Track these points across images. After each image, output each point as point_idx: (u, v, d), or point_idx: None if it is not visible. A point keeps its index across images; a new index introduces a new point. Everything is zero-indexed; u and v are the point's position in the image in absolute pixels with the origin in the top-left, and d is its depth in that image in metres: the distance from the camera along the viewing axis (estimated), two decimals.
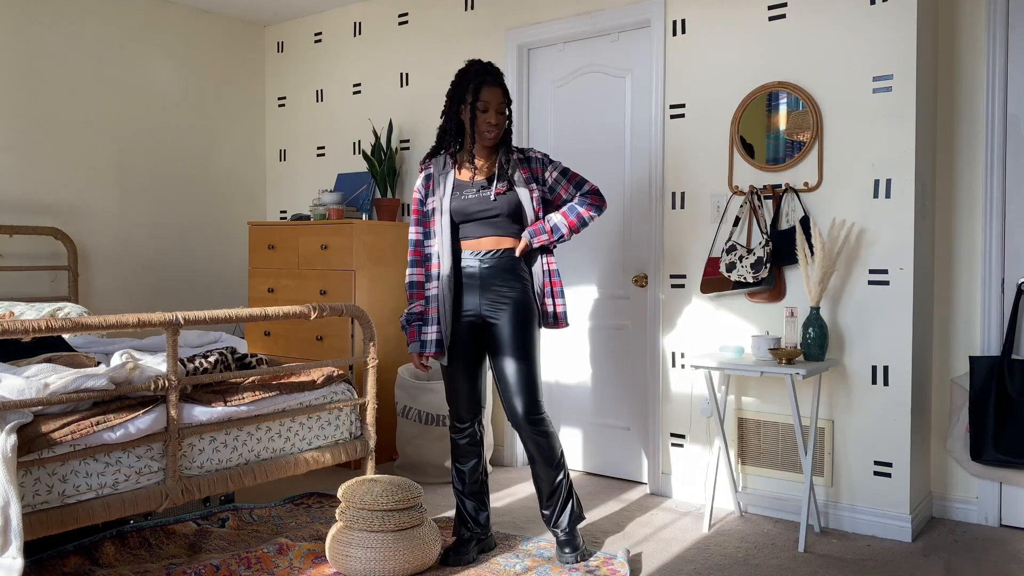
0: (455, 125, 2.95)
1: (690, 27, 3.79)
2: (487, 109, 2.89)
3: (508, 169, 2.95)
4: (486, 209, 2.92)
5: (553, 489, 2.99)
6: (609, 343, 4.14)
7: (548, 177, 3.00)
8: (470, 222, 2.94)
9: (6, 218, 4.43)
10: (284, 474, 3.10)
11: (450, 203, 2.93)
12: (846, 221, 3.40)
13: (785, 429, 3.57)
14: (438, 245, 2.93)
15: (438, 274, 2.92)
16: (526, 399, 2.90)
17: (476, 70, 2.92)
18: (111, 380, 2.63)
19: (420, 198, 3.01)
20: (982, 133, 3.44)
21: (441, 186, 2.95)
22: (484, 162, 2.99)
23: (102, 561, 2.87)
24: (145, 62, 5.00)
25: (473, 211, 2.92)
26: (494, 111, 2.90)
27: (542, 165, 3.01)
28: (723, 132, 3.70)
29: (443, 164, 2.98)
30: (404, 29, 4.83)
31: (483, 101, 2.88)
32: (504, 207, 2.92)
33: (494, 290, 2.93)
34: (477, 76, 2.90)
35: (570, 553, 2.97)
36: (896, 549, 3.21)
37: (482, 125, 2.90)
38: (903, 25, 3.27)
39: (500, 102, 2.92)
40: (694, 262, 3.79)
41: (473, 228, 2.94)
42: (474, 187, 2.94)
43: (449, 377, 3.02)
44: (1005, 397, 3.30)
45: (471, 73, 2.92)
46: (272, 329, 4.60)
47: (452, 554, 2.99)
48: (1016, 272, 3.41)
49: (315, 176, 5.31)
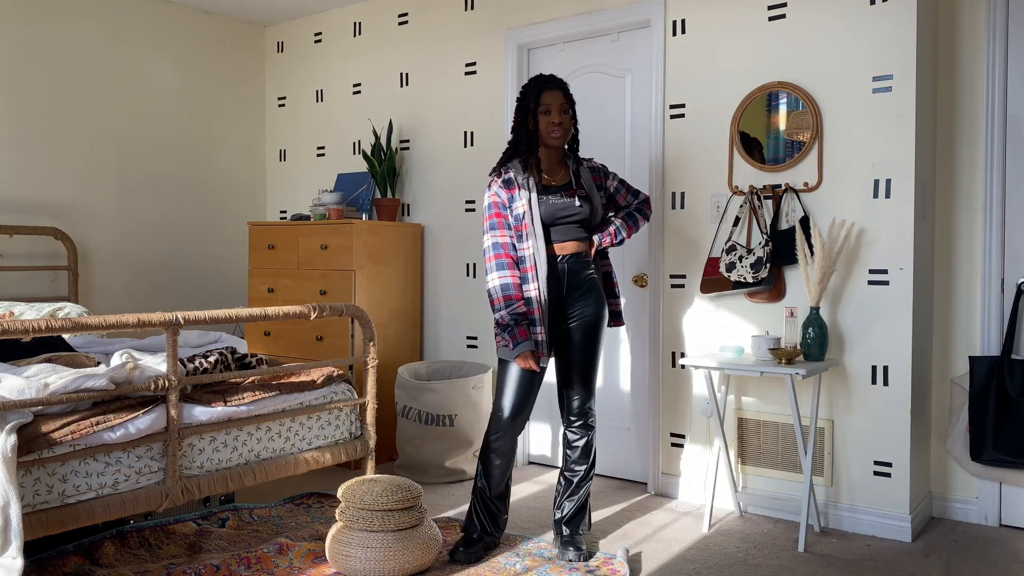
0: (525, 134, 3.05)
1: (690, 27, 3.79)
2: (549, 111, 3.00)
3: (580, 176, 3.10)
4: (572, 214, 3.03)
5: (578, 484, 3.11)
6: (609, 343, 4.14)
7: (609, 186, 3.18)
8: (555, 226, 3.03)
9: (6, 218, 4.43)
10: (284, 474, 3.10)
11: (541, 207, 2.99)
12: (846, 221, 3.40)
13: (785, 429, 3.57)
14: (533, 248, 2.95)
15: (535, 275, 2.94)
16: (588, 392, 3.10)
17: (536, 80, 3.07)
18: (111, 380, 2.63)
19: (502, 202, 2.99)
20: (982, 133, 3.45)
21: (526, 190, 2.99)
22: (559, 169, 3.11)
23: (102, 561, 2.87)
24: (145, 62, 5.00)
25: (561, 216, 3.02)
26: (556, 111, 3.00)
27: (603, 175, 3.18)
28: (723, 132, 3.70)
29: (521, 169, 3.03)
30: (404, 29, 4.83)
31: (544, 104, 3.00)
32: (587, 212, 3.05)
33: (577, 292, 3.05)
34: (538, 84, 3.05)
35: (574, 551, 3.01)
36: (896, 549, 3.21)
37: (545, 126, 3.01)
38: (903, 25, 3.27)
39: (561, 103, 3.02)
40: (694, 262, 3.79)
41: (557, 232, 3.03)
42: (553, 193, 3.04)
43: (523, 378, 2.97)
44: (1005, 397, 3.30)
45: (532, 83, 3.07)
46: (272, 329, 4.60)
47: (462, 551, 3.01)
48: (1016, 272, 3.41)
49: (315, 176, 5.31)
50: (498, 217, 2.99)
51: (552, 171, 3.09)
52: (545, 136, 3.02)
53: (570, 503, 3.11)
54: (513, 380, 2.99)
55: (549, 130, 3.01)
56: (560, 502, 3.13)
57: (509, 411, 3.00)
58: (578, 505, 3.11)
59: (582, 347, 3.06)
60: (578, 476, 3.12)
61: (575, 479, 3.12)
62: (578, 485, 3.12)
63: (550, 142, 3.03)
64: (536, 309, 2.94)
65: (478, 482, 3.08)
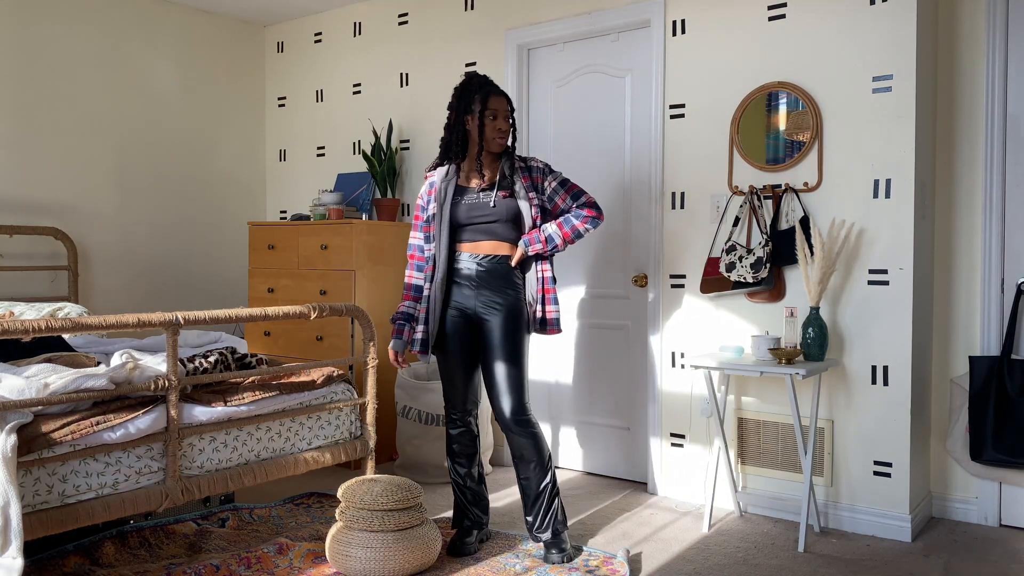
0: (461, 135, 3.05)
1: (690, 27, 3.79)
2: (496, 117, 3.01)
3: (510, 177, 3.06)
4: (485, 215, 3.02)
5: (539, 492, 3.01)
6: (609, 343, 4.14)
7: (547, 186, 3.09)
8: (469, 226, 3.03)
9: (6, 218, 4.43)
10: (284, 474, 3.10)
11: (450, 209, 3.03)
12: (846, 221, 3.40)
13: (785, 429, 3.57)
14: (435, 249, 3.04)
15: (432, 276, 3.04)
16: (514, 399, 2.98)
17: (480, 81, 3.04)
18: (111, 380, 2.63)
19: (422, 204, 3.13)
20: (982, 133, 3.45)
21: (444, 193, 3.05)
22: (488, 170, 3.09)
23: (102, 561, 2.87)
24: (145, 62, 5.00)
25: (473, 216, 3.02)
26: (502, 118, 3.02)
27: (542, 174, 3.11)
28: (723, 132, 3.70)
29: (447, 172, 3.09)
30: (404, 29, 4.83)
31: (491, 109, 3.00)
32: (503, 213, 3.02)
33: (488, 293, 3.03)
34: (483, 87, 3.03)
35: (557, 554, 2.98)
36: (896, 549, 3.21)
37: (491, 132, 3.02)
38: (903, 25, 3.27)
39: (507, 110, 3.04)
40: (694, 262, 3.79)
41: (472, 232, 3.04)
42: (476, 193, 3.04)
43: (445, 370, 3.12)
44: (1005, 397, 3.30)
45: (475, 84, 3.04)
46: (272, 329, 4.60)
47: (458, 544, 3.06)
48: (1016, 272, 3.41)
49: (315, 176, 5.31)
50: (416, 219, 3.14)
51: (485, 171, 3.08)
52: (490, 142, 3.03)
53: (534, 511, 3.03)
54: (442, 372, 3.15)
55: (495, 136, 3.03)
56: (527, 514, 3.06)
57: (446, 402, 3.16)
58: (543, 508, 3.01)
59: (495, 350, 2.99)
60: (535, 484, 3.01)
61: (531, 489, 3.02)
62: (538, 493, 3.01)
63: (494, 148, 3.05)
64: (424, 308, 3.05)
65: (452, 475, 3.18)
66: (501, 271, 3.03)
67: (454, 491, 3.19)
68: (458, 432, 3.14)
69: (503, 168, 3.08)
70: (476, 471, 3.18)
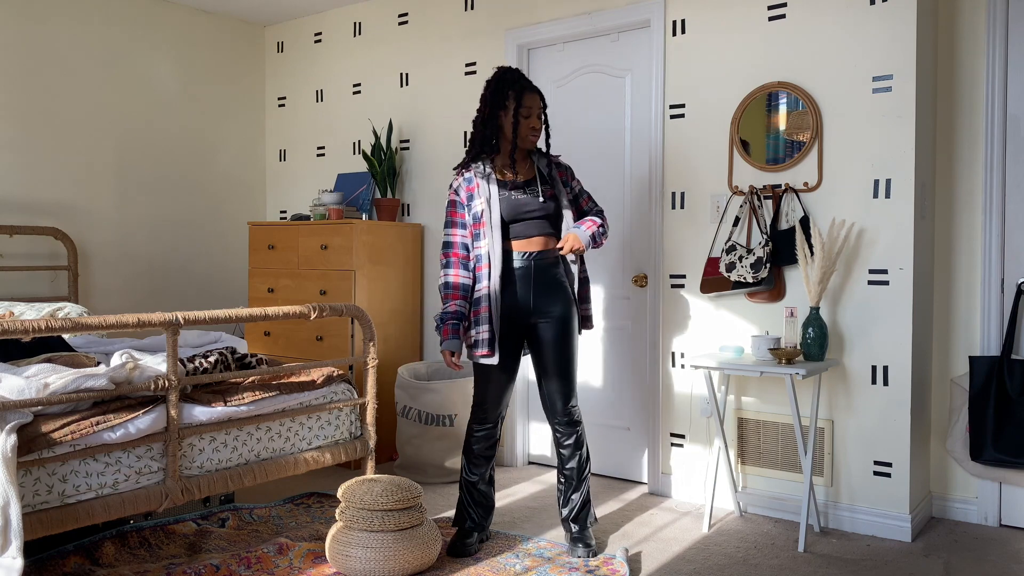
0: (494, 130, 3.04)
1: (690, 27, 3.79)
2: (530, 115, 3.01)
3: (548, 173, 3.10)
4: (536, 209, 3.03)
5: (579, 480, 3.13)
6: (609, 343, 4.14)
7: (575, 186, 3.18)
8: (520, 222, 3.03)
9: (6, 218, 4.43)
10: (284, 474, 3.10)
11: (499, 204, 3.00)
12: (846, 221, 3.40)
13: (785, 429, 3.57)
14: (488, 246, 2.97)
15: (489, 274, 2.98)
16: (568, 393, 3.09)
17: (514, 76, 3.03)
18: (111, 380, 2.63)
19: (460, 201, 3.05)
20: (982, 133, 3.45)
21: (486, 188, 3.01)
22: (520, 166, 3.11)
23: (102, 561, 2.88)
24: (145, 62, 5.00)
25: (524, 211, 3.02)
26: (536, 116, 3.03)
27: (570, 174, 3.18)
28: (723, 132, 3.70)
29: (483, 168, 3.05)
30: (404, 29, 4.83)
31: (526, 107, 3.00)
32: (551, 208, 3.06)
33: (544, 290, 3.04)
34: (517, 83, 3.02)
35: (583, 548, 3.05)
36: (896, 549, 3.21)
37: (525, 130, 3.02)
38: (903, 25, 3.27)
39: (540, 107, 3.05)
40: (694, 262, 3.79)
41: (523, 228, 3.03)
42: (518, 188, 3.04)
43: (484, 375, 3.07)
44: (1005, 397, 3.30)
45: (509, 79, 3.02)
46: (272, 329, 4.60)
47: (459, 545, 3.06)
48: (1016, 272, 3.41)
49: (315, 176, 5.31)
50: (453, 216, 3.06)
51: (517, 167, 3.10)
52: (523, 139, 3.04)
53: (575, 498, 3.13)
54: (480, 376, 3.09)
55: (528, 133, 3.03)
56: (565, 499, 3.16)
57: (476, 406, 3.12)
58: (583, 499, 3.13)
59: (554, 345, 3.05)
60: (576, 471, 3.14)
61: (573, 475, 3.14)
62: (579, 481, 3.14)
63: (527, 144, 3.05)
64: (484, 307, 2.96)
65: (466, 476, 3.15)
66: (554, 268, 3.06)
67: (461, 489, 3.17)
68: (483, 433, 3.12)
69: (538, 165, 3.10)
70: (489, 473, 3.17)
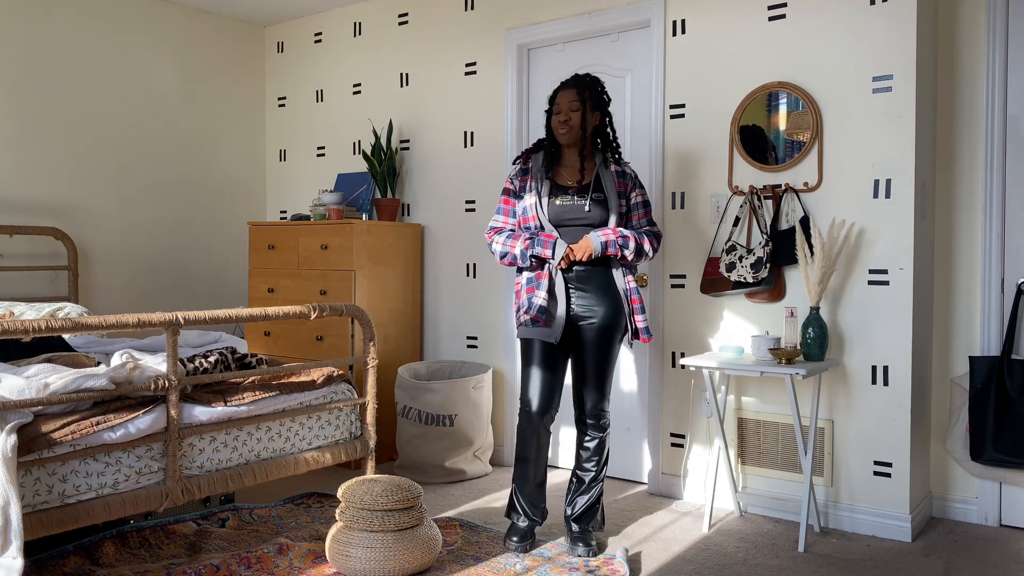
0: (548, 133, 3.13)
1: (690, 27, 3.79)
2: (559, 111, 3.04)
3: (605, 180, 3.07)
4: (579, 218, 3.03)
5: (589, 483, 3.15)
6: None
7: (633, 197, 3.13)
8: (562, 227, 3.03)
9: (6, 218, 4.43)
10: (284, 474, 3.10)
11: (547, 206, 3.04)
12: (846, 221, 3.40)
13: (785, 429, 3.57)
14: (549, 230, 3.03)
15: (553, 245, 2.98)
16: (599, 394, 3.11)
17: (564, 81, 3.11)
18: (111, 380, 2.63)
19: (514, 189, 3.12)
20: (982, 133, 3.45)
21: (540, 184, 3.06)
22: (577, 170, 3.11)
23: (102, 561, 2.87)
24: (145, 62, 5.00)
25: (567, 218, 3.03)
26: (565, 109, 3.03)
27: (633, 184, 3.14)
28: (723, 132, 3.70)
29: (541, 162, 3.10)
30: (404, 29, 4.83)
31: (556, 104, 3.06)
32: (597, 217, 3.03)
33: (587, 295, 3.04)
34: (560, 84, 3.11)
35: (583, 547, 3.05)
36: (896, 549, 3.21)
37: (555, 125, 3.06)
38: (903, 25, 3.27)
39: (571, 100, 3.03)
40: (694, 262, 3.79)
41: (566, 234, 3.03)
42: (570, 194, 3.05)
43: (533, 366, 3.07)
44: (1005, 397, 3.30)
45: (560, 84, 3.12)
46: (272, 329, 4.60)
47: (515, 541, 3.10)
48: (1016, 272, 3.41)
49: (315, 176, 5.31)
50: (505, 204, 3.13)
51: (572, 171, 3.11)
52: (556, 134, 3.07)
53: (581, 500, 3.15)
54: (535, 369, 3.06)
55: (557, 127, 3.06)
56: (571, 499, 3.18)
57: (535, 403, 3.09)
58: (589, 503, 3.15)
59: (594, 349, 3.07)
60: (590, 475, 3.16)
61: (587, 478, 3.16)
62: (589, 484, 3.16)
63: (560, 139, 3.07)
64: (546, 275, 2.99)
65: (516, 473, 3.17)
66: (599, 273, 3.05)
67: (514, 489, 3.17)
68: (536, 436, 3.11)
69: (599, 170, 3.08)
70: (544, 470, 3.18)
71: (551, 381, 3.08)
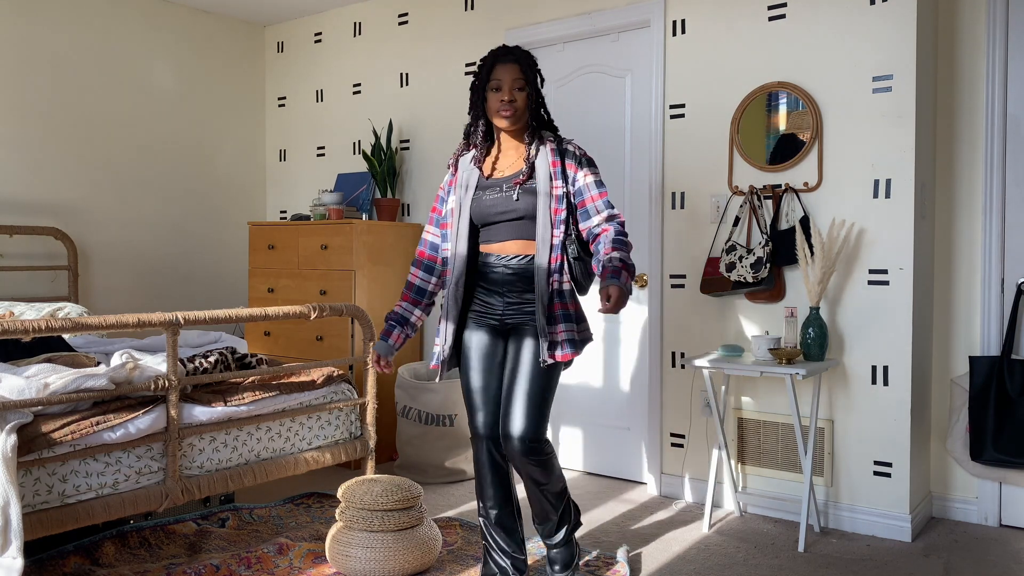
0: (477, 116, 2.63)
1: (690, 27, 3.79)
2: (500, 87, 2.54)
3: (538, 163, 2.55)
4: (508, 211, 2.56)
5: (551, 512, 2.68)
6: (609, 343, 4.14)
7: (580, 178, 2.56)
8: (492, 224, 2.60)
9: (6, 218, 4.43)
10: (284, 474, 3.10)
11: (471, 204, 2.60)
12: (846, 221, 3.40)
13: (785, 429, 3.57)
14: (452, 248, 2.62)
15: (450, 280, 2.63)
16: (529, 420, 2.51)
17: (496, 51, 2.61)
18: (111, 380, 2.63)
19: (443, 196, 2.73)
20: (982, 133, 3.45)
21: (465, 185, 2.63)
22: (516, 154, 2.63)
23: (102, 561, 2.87)
24: (145, 62, 5.00)
25: (493, 213, 2.58)
26: (508, 88, 2.53)
27: (578, 162, 2.58)
28: (723, 132, 3.70)
29: (470, 160, 2.66)
30: (404, 29, 4.83)
31: (495, 79, 2.55)
32: (524, 208, 2.55)
33: (519, 299, 2.59)
34: (492, 57, 2.59)
35: (560, 571, 2.71)
36: (896, 549, 3.21)
37: (494, 104, 2.55)
38: (903, 25, 3.27)
39: (515, 78, 2.54)
40: (694, 262, 3.79)
41: (496, 231, 2.60)
42: (500, 185, 2.59)
43: (467, 382, 2.66)
44: (1005, 397, 3.30)
45: (490, 54, 2.61)
46: (272, 329, 4.60)
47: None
48: (1016, 272, 3.41)
49: (315, 176, 5.31)
50: (433, 212, 2.75)
51: (507, 158, 2.63)
52: (494, 116, 2.57)
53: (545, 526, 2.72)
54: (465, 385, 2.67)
55: (498, 108, 2.54)
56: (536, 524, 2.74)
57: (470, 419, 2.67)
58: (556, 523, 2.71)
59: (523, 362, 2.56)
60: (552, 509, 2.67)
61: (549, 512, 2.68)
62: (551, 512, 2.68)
63: (499, 123, 2.57)
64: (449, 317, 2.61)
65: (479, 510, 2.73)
66: (532, 274, 2.56)
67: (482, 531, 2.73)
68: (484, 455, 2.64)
69: (530, 153, 2.57)
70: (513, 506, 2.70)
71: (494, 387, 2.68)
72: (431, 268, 2.74)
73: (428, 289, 2.75)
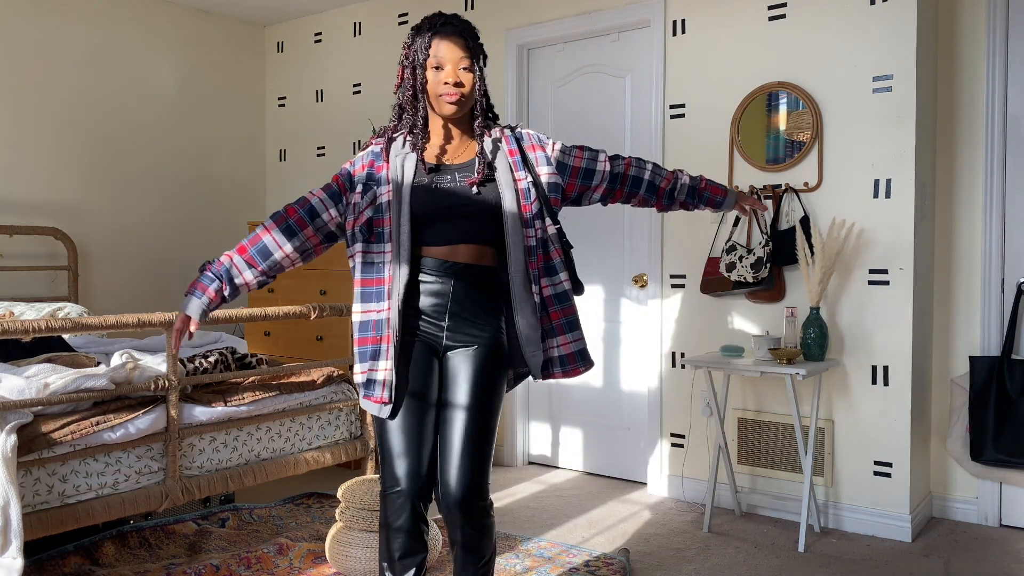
0: (412, 95, 2.09)
1: (690, 27, 3.79)
2: (442, 66, 2.04)
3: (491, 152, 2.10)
4: (465, 204, 2.05)
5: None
6: (609, 343, 4.14)
7: (552, 152, 2.17)
8: (439, 221, 2.05)
9: (6, 218, 4.43)
10: (284, 474, 3.10)
11: (410, 195, 2.04)
12: (846, 221, 3.40)
13: (785, 429, 3.57)
14: (393, 252, 2.04)
15: (390, 291, 2.06)
16: (470, 475, 2.00)
17: (431, 20, 2.12)
18: (111, 380, 2.63)
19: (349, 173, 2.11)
20: (982, 133, 3.45)
21: (399, 171, 2.06)
22: (460, 144, 2.13)
23: (102, 561, 2.88)
24: (145, 62, 5.00)
25: (446, 205, 2.05)
26: (453, 69, 2.04)
27: (539, 142, 2.18)
28: (723, 132, 3.70)
29: (402, 144, 2.10)
30: (404, 29, 4.83)
31: (436, 57, 2.05)
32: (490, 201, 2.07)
33: (463, 318, 2.09)
34: (428, 26, 2.10)
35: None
36: (896, 549, 3.21)
37: (436, 86, 2.04)
38: (903, 25, 3.27)
39: (461, 56, 2.05)
40: (694, 262, 3.79)
41: (443, 230, 2.06)
42: (451, 173, 2.08)
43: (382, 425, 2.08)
44: (1005, 397, 3.30)
45: (423, 26, 2.11)
46: (272, 329, 4.60)
47: None
48: (1016, 272, 3.41)
49: (315, 176, 5.31)
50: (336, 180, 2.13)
51: (448, 146, 2.12)
52: (435, 100, 2.06)
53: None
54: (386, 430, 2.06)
55: (440, 92, 2.04)
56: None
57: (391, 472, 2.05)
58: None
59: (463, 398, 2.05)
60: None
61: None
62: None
63: (443, 109, 2.06)
64: (386, 336, 2.06)
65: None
66: (482, 287, 2.10)
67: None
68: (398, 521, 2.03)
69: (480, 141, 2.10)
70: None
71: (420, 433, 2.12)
72: (292, 231, 2.12)
73: (275, 257, 2.12)
